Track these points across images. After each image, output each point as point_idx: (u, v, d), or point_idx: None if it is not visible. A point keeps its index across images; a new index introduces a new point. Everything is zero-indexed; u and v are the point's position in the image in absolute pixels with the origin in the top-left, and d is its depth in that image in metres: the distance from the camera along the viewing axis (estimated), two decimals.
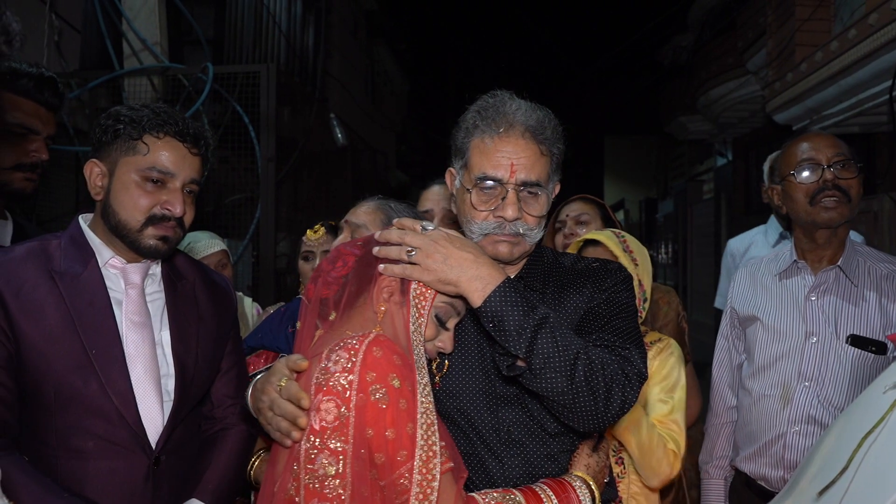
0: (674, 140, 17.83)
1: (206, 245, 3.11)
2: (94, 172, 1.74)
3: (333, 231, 2.74)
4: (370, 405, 1.31)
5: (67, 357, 1.61)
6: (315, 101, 6.68)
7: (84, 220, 1.79)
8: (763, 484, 2.29)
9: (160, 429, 1.71)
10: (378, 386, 1.31)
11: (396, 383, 1.33)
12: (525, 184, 1.56)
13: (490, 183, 1.56)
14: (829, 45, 7.37)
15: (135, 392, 1.67)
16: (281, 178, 5.02)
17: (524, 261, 1.71)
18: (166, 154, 1.71)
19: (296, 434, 1.37)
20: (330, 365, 1.35)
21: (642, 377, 1.50)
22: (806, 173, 2.19)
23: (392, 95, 17.20)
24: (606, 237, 2.31)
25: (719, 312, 4.02)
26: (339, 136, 6.97)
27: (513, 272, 1.70)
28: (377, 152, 12.71)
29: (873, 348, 2.10)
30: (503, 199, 1.55)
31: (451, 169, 1.70)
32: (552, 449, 1.58)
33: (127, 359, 1.68)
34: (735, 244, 3.99)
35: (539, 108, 1.62)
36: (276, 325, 2.14)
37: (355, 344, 1.36)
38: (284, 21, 8.74)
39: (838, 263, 2.21)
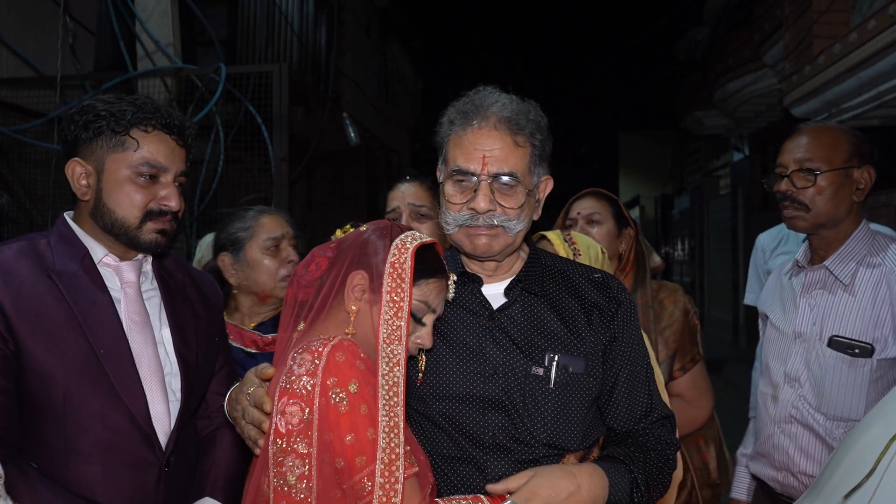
0: (690, 135, 17.69)
1: None
2: (76, 172, 1.67)
3: None
4: (331, 409, 1.32)
5: (74, 358, 1.57)
6: (328, 101, 6.68)
7: (70, 218, 1.73)
8: (768, 483, 2.29)
9: (169, 430, 1.68)
10: (339, 390, 1.33)
11: (354, 388, 1.34)
12: (498, 175, 1.56)
13: (463, 176, 1.57)
14: (847, 36, 7.26)
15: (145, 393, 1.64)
16: (294, 177, 5.02)
17: (522, 264, 1.71)
18: (157, 148, 1.66)
19: (262, 442, 1.42)
20: (295, 367, 1.37)
21: (678, 447, 1.69)
22: (774, 182, 2.23)
23: (405, 94, 17.20)
24: (552, 234, 2.33)
25: (744, 309, 3.96)
26: (353, 135, 6.96)
27: (510, 276, 1.69)
28: (390, 151, 12.72)
29: (857, 350, 2.05)
30: (476, 191, 1.56)
31: (439, 165, 1.71)
32: (537, 454, 1.57)
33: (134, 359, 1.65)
34: (764, 239, 3.89)
35: (520, 100, 1.62)
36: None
37: (319, 347, 1.37)
38: (297, 21, 8.76)
39: (825, 262, 2.18)
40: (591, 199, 2.72)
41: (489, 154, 1.55)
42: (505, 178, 1.56)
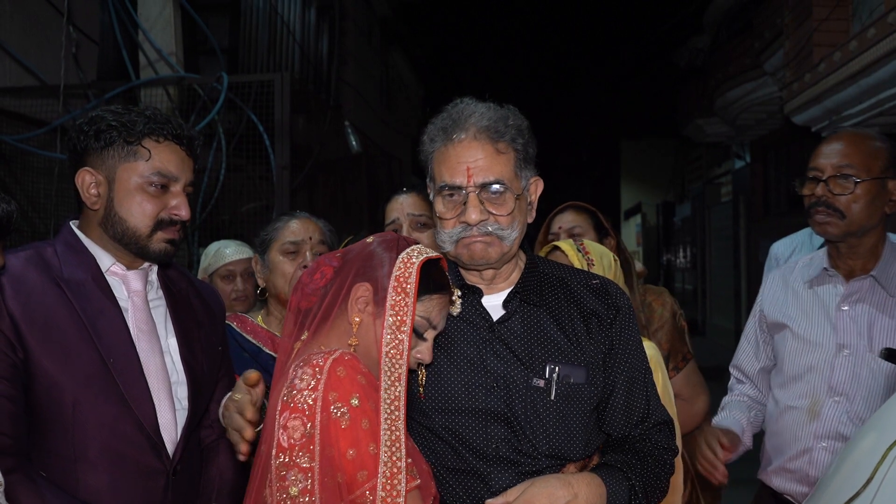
0: (691, 143, 17.71)
1: (234, 251, 3.12)
2: (87, 181, 1.67)
3: None
4: (332, 424, 1.32)
5: (84, 367, 1.56)
6: (329, 109, 6.71)
7: (76, 227, 1.74)
8: (789, 498, 2.21)
9: (176, 439, 1.68)
10: (340, 405, 1.33)
11: (355, 403, 1.33)
12: (484, 185, 1.56)
13: (451, 190, 1.57)
14: (847, 44, 7.29)
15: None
16: (296, 186, 5.04)
17: (519, 273, 1.71)
18: (168, 158, 1.68)
19: (243, 447, 1.43)
20: (296, 381, 1.36)
21: (676, 452, 1.69)
22: (805, 185, 2.16)
23: (407, 101, 17.24)
24: (565, 244, 2.34)
25: (746, 316, 3.91)
26: (354, 143, 6.99)
27: (508, 287, 1.69)
28: (392, 158, 12.75)
29: None
30: (465, 203, 1.56)
31: (427, 182, 1.71)
32: (540, 465, 1.56)
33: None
34: (778, 248, 3.85)
35: (497, 107, 1.62)
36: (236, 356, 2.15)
37: (320, 361, 1.37)
38: (298, 29, 8.81)
39: (872, 272, 2.10)
40: (571, 213, 2.75)
41: (473, 165, 1.55)
42: (493, 187, 1.56)
